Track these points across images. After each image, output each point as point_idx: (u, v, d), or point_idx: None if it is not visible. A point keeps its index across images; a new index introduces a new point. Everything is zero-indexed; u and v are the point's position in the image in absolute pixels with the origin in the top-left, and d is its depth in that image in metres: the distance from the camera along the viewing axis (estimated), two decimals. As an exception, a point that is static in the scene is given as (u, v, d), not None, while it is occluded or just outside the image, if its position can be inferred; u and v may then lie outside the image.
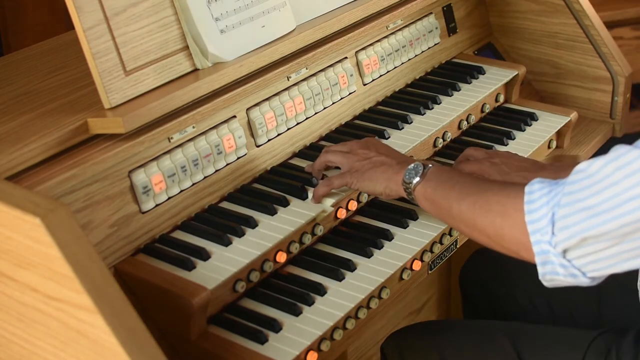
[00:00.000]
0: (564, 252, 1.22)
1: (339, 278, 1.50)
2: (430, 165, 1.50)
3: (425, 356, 1.65)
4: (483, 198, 1.34)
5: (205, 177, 1.60)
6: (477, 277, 1.95)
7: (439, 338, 1.67)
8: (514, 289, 1.84)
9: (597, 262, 1.21)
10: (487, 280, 1.92)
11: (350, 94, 1.92)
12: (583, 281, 1.25)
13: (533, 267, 1.27)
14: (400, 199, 1.72)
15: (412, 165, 1.51)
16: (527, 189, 1.26)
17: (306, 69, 1.79)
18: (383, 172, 1.56)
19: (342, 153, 1.63)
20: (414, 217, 1.67)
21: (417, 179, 1.48)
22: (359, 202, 1.69)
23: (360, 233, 1.63)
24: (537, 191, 1.24)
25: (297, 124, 1.79)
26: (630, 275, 1.65)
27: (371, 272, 1.52)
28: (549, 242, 1.22)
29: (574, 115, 2.09)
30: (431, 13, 2.15)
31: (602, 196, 1.15)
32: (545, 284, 1.29)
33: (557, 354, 1.54)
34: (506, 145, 1.94)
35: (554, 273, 1.25)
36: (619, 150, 1.16)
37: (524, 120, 2.05)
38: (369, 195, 1.70)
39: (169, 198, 1.54)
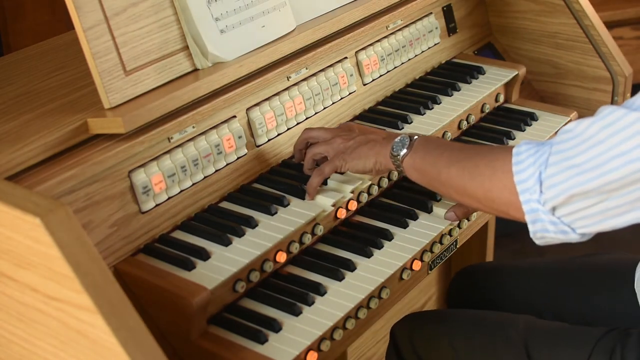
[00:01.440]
0: (553, 209, 1.25)
1: (339, 278, 1.50)
2: (417, 136, 1.51)
3: (435, 343, 1.67)
4: (471, 162, 1.37)
5: (205, 177, 1.60)
6: (462, 297, 1.96)
7: (450, 326, 1.68)
8: (504, 301, 1.84)
9: (585, 218, 1.24)
10: (472, 299, 1.92)
11: (350, 94, 1.92)
12: (573, 237, 1.28)
13: (520, 282, 1.29)
14: (399, 198, 1.73)
15: (399, 138, 1.52)
16: (514, 150, 1.29)
17: (306, 69, 1.79)
18: (370, 148, 1.56)
19: (325, 142, 1.63)
20: (414, 217, 1.67)
21: (405, 150, 1.50)
22: (359, 202, 1.69)
23: (360, 233, 1.63)
24: (524, 152, 1.28)
25: (297, 124, 1.79)
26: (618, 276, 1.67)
27: (371, 272, 1.52)
28: (537, 200, 1.26)
29: (574, 115, 2.09)
30: (431, 13, 2.15)
31: (588, 154, 1.19)
32: (537, 241, 1.32)
33: (564, 351, 1.55)
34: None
35: (544, 230, 1.28)
36: (604, 110, 1.20)
37: (523, 120, 2.05)
38: (369, 195, 1.70)
39: (169, 198, 1.54)
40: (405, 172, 1.51)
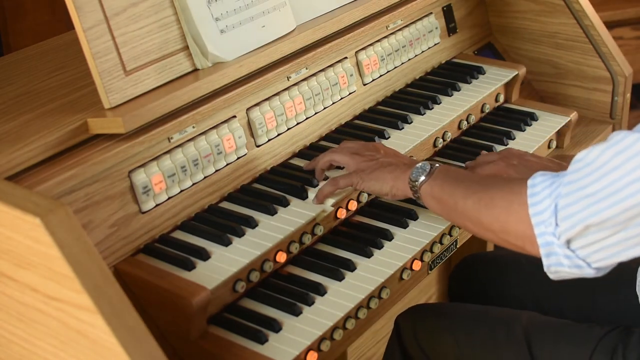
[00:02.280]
0: (568, 242, 1.22)
1: (339, 278, 1.50)
2: (438, 165, 1.51)
3: (438, 336, 1.67)
4: (488, 195, 1.35)
5: (205, 177, 1.60)
6: (463, 288, 1.95)
7: (454, 320, 1.68)
8: (504, 292, 1.84)
9: (600, 250, 1.21)
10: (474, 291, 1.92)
11: (350, 94, 1.92)
12: (588, 272, 1.24)
13: (524, 273, 1.26)
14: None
15: (420, 164, 1.51)
16: (529, 182, 1.26)
17: (306, 69, 1.79)
18: (390, 172, 1.56)
19: (349, 154, 1.63)
20: (414, 217, 1.67)
21: (424, 177, 1.49)
22: (359, 202, 1.69)
23: (360, 233, 1.63)
24: (539, 184, 1.25)
25: (297, 124, 1.79)
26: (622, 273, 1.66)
27: (371, 272, 1.52)
28: (552, 233, 1.22)
29: (574, 115, 2.09)
30: (431, 13, 2.15)
31: (602, 183, 1.15)
32: (551, 276, 1.29)
33: (566, 348, 1.55)
34: (506, 145, 1.94)
35: (558, 264, 1.25)
36: (616, 136, 1.16)
37: (524, 120, 2.05)
38: (369, 195, 1.70)
39: (169, 198, 1.54)
40: (422, 199, 1.50)
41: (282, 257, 1.52)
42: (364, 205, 1.71)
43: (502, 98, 2.15)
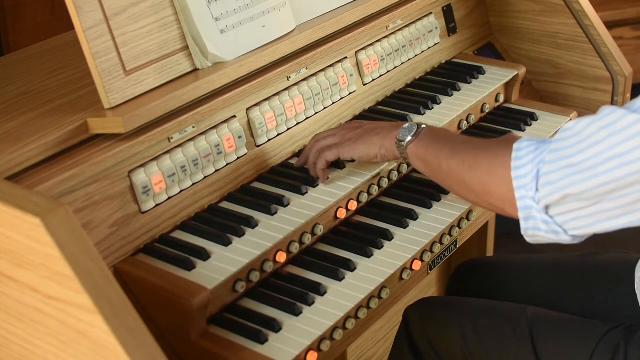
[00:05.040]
0: (547, 208, 1.25)
1: (339, 278, 1.50)
2: (424, 125, 1.53)
3: (445, 329, 1.67)
4: (472, 156, 1.37)
5: (205, 177, 1.60)
6: (462, 291, 1.96)
7: (461, 315, 1.68)
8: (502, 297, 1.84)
9: (578, 219, 1.23)
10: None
11: (350, 94, 1.92)
12: (564, 239, 1.27)
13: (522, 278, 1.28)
14: (399, 198, 1.73)
15: (407, 125, 1.54)
16: (515, 145, 1.29)
17: (306, 69, 1.79)
18: (377, 133, 1.59)
19: (332, 132, 1.67)
20: (414, 217, 1.67)
21: (410, 137, 1.51)
22: (359, 202, 1.69)
23: (360, 233, 1.63)
24: (524, 148, 1.27)
25: (297, 124, 1.79)
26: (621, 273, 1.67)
27: (371, 272, 1.52)
28: (532, 197, 1.25)
29: (574, 115, 2.09)
30: (431, 13, 2.15)
31: (585, 154, 1.18)
32: (528, 239, 1.31)
33: (570, 344, 1.55)
34: (506, 145, 1.94)
35: (536, 229, 1.28)
36: (604, 110, 1.19)
37: (523, 120, 2.05)
38: (369, 195, 1.70)
39: (169, 198, 1.54)
40: (409, 159, 1.53)
41: (282, 257, 1.52)
42: (364, 205, 1.71)
43: (502, 98, 2.15)
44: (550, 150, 1.23)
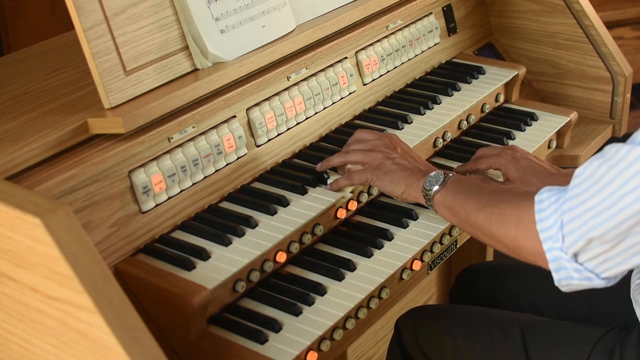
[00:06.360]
0: (575, 256, 1.25)
1: (339, 278, 1.50)
2: (451, 174, 1.53)
3: (438, 338, 1.68)
4: (498, 210, 1.37)
5: (205, 177, 1.60)
6: (465, 295, 1.96)
7: (453, 323, 1.69)
8: (505, 302, 1.84)
9: (607, 261, 1.23)
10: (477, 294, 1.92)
11: (350, 94, 1.92)
12: (598, 283, 1.27)
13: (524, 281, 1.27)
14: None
15: (434, 173, 1.54)
16: (537, 198, 1.29)
17: (306, 69, 1.79)
18: (405, 177, 1.58)
19: (364, 151, 1.65)
20: (414, 217, 1.67)
21: (437, 187, 1.52)
22: (359, 202, 1.69)
23: (360, 233, 1.63)
24: (545, 200, 1.28)
25: (297, 124, 1.79)
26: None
27: (371, 272, 1.52)
28: (560, 248, 1.25)
29: (574, 115, 2.09)
30: (431, 13, 2.15)
31: (600, 196, 1.19)
32: (563, 289, 1.31)
33: (564, 350, 1.55)
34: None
35: (569, 278, 1.28)
36: (610, 150, 1.20)
37: (523, 120, 2.05)
38: (369, 195, 1.70)
39: (169, 198, 1.54)
40: (435, 207, 1.53)
41: (282, 257, 1.52)
42: (364, 205, 1.71)
43: (502, 98, 2.15)
44: (566, 199, 1.23)
